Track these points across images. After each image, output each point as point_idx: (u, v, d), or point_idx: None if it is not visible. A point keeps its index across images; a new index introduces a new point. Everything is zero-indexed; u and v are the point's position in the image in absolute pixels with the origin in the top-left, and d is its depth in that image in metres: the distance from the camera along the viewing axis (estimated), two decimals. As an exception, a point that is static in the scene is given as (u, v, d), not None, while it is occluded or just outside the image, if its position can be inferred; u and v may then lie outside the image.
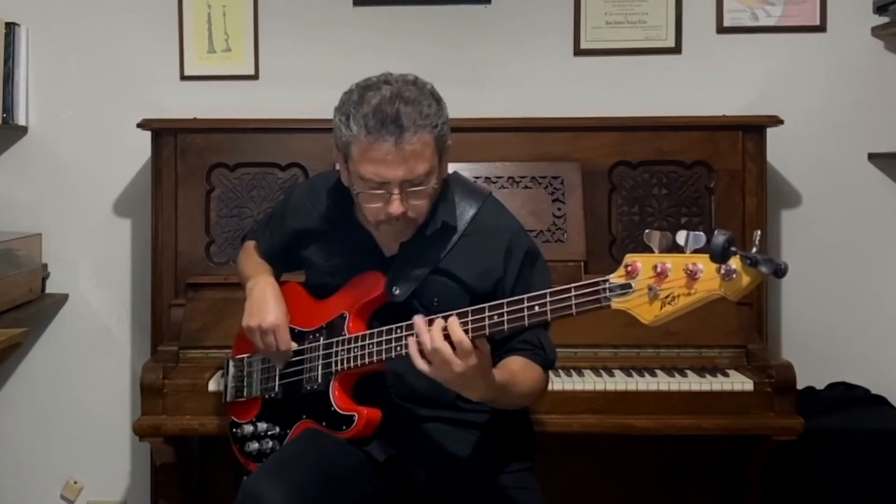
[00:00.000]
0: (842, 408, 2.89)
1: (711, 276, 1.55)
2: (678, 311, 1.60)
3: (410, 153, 1.85)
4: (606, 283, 1.66)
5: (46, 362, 3.23)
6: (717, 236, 1.52)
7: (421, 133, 1.86)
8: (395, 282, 1.99)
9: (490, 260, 2.00)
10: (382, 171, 1.86)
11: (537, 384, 1.99)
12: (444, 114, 1.92)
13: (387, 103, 1.85)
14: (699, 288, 1.57)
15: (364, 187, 1.90)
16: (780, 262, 1.51)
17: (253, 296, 2.11)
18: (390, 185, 1.87)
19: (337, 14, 3.15)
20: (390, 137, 1.84)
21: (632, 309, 1.63)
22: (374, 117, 1.84)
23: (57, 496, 3.26)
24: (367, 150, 1.86)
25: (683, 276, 1.58)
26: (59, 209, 3.19)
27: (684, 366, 2.63)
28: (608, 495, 2.85)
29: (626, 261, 1.64)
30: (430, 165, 1.89)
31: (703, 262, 1.56)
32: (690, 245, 1.58)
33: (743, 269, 1.53)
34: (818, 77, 3.13)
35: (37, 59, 3.18)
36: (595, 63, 3.15)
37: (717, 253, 1.52)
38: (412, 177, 1.87)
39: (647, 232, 1.63)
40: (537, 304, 1.73)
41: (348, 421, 1.97)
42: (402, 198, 1.89)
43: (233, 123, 2.95)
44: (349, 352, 1.97)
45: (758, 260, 1.51)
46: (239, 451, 2.15)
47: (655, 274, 1.60)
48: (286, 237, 2.18)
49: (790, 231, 3.13)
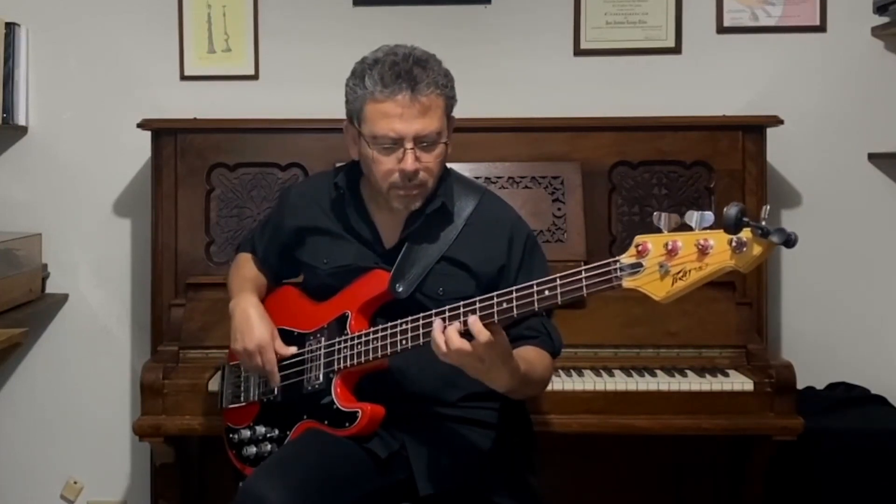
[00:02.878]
0: (842, 408, 2.89)
1: (723, 249, 1.57)
2: (690, 286, 1.61)
3: (424, 106, 1.92)
4: (617, 264, 1.67)
5: (46, 362, 3.23)
6: (729, 207, 1.53)
7: (434, 89, 1.93)
8: (398, 279, 1.99)
9: (493, 248, 2.03)
10: (396, 124, 1.92)
11: (547, 371, 2.02)
12: (451, 83, 1.99)
13: (402, 61, 1.93)
14: (710, 261, 1.58)
15: (377, 146, 1.94)
16: (790, 232, 1.52)
17: (235, 318, 2.12)
18: (404, 140, 1.92)
19: (337, 14, 3.15)
20: (407, 88, 1.91)
21: (643, 286, 1.64)
22: (390, 71, 1.92)
23: (57, 496, 3.26)
24: (382, 105, 1.92)
25: (695, 251, 1.59)
26: (58, 209, 3.19)
27: (684, 366, 2.63)
28: (608, 495, 2.85)
29: (636, 241, 1.66)
30: (441, 125, 1.95)
31: (714, 237, 1.58)
32: (699, 224, 1.59)
33: (754, 240, 1.54)
34: (818, 77, 3.13)
35: (37, 59, 3.18)
36: (595, 63, 3.15)
37: (731, 223, 1.53)
38: (426, 132, 1.93)
39: (655, 213, 1.64)
40: (547, 288, 1.74)
41: (351, 417, 1.97)
42: (415, 154, 1.92)
43: (233, 123, 2.95)
44: (352, 349, 1.98)
45: (769, 230, 1.52)
46: (235, 456, 2.14)
47: (666, 251, 1.61)
48: (285, 238, 2.18)
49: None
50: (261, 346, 2.06)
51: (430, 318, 1.85)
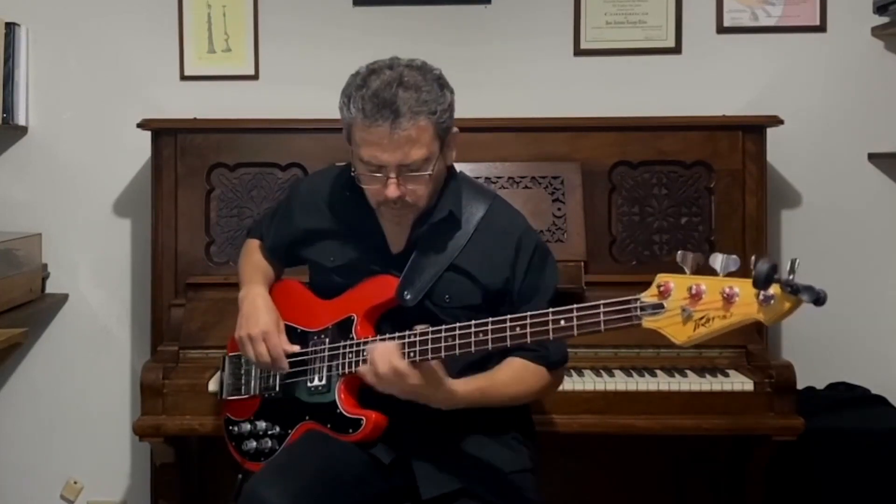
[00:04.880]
0: (842, 408, 2.89)
1: (749, 301, 1.54)
2: (712, 333, 1.59)
3: (405, 138, 1.87)
4: (638, 302, 1.65)
5: (46, 362, 3.23)
6: (761, 265, 1.50)
7: (417, 119, 1.87)
8: (406, 286, 1.98)
9: (499, 258, 2.01)
10: (378, 154, 1.89)
11: (531, 385, 2.00)
12: (446, 100, 1.93)
13: (385, 88, 1.87)
14: (735, 311, 1.56)
15: (364, 169, 1.93)
16: (819, 291, 1.51)
17: (243, 307, 2.12)
18: (387, 168, 1.90)
19: (337, 14, 3.15)
20: (385, 122, 1.86)
21: (663, 329, 1.62)
22: (370, 101, 1.87)
23: (57, 496, 3.26)
24: (364, 133, 1.89)
25: (720, 299, 1.56)
26: (58, 209, 3.19)
27: (684, 366, 2.63)
28: (608, 495, 2.85)
29: (657, 280, 1.64)
30: (428, 152, 1.90)
31: (740, 286, 1.55)
32: (725, 268, 1.57)
33: (783, 296, 1.52)
34: (818, 77, 3.13)
35: (37, 59, 3.18)
36: (595, 63, 3.15)
37: (761, 280, 1.51)
38: (408, 162, 1.89)
39: (680, 253, 1.62)
40: (563, 318, 1.74)
41: (355, 424, 1.96)
42: (398, 182, 1.90)
43: (233, 123, 2.95)
44: (357, 355, 1.97)
45: (799, 288, 1.51)
46: (235, 448, 2.14)
47: (690, 295, 1.59)
48: (293, 234, 2.17)
49: (790, 231, 3.13)
50: (265, 333, 2.05)
51: (439, 331, 1.85)
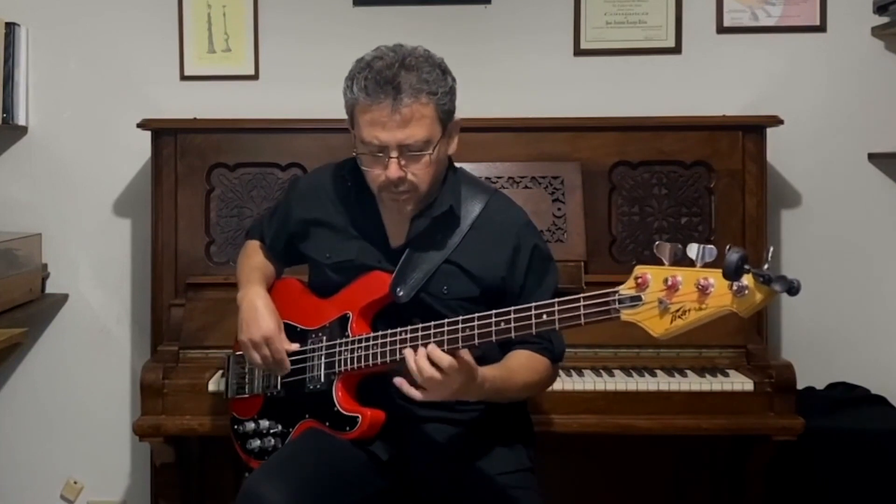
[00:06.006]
0: (842, 408, 2.89)
1: (723, 292, 1.55)
2: (688, 326, 1.59)
3: (407, 116, 1.88)
4: (616, 295, 1.66)
5: (46, 362, 3.23)
6: (730, 254, 1.50)
7: (418, 97, 1.88)
8: (399, 282, 1.99)
9: (497, 254, 2.01)
10: (379, 133, 1.89)
11: (541, 375, 2.01)
12: (447, 84, 1.94)
13: (387, 68, 1.89)
14: (710, 303, 1.56)
15: (365, 151, 1.93)
16: (792, 280, 1.51)
17: (242, 309, 2.11)
18: (388, 148, 1.90)
19: (337, 14, 3.15)
20: (386, 99, 1.87)
21: (641, 322, 1.63)
22: (373, 80, 1.88)
23: (57, 496, 3.26)
24: (366, 112, 1.90)
25: (695, 291, 1.57)
26: (58, 209, 3.19)
27: (684, 366, 2.63)
28: (608, 495, 2.85)
29: (635, 272, 1.64)
30: (429, 133, 1.91)
31: (715, 277, 1.55)
32: (701, 258, 1.57)
33: (756, 287, 1.53)
34: (818, 77, 3.13)
35: (37, 59, 3.18)
36: (595, 63, 3.15)
37: (731, 271, 1.51)
38: (409, 141, 1.90)
39: (657, 244, 1.63)
40: (545, 313, 1.75)
41: (352, 422, 1.97)
42: (399, 163, 1.90)
43: (233, 123, 2.95)
44: (352, 353, 1.97)
45: (770, 278, 1.51)
46: (241, 448, 2.15)
47: (666, 287, 1.59)
48: (292, 228, 2.17)
49: (790, 231, 3.13)
50: (267, 338, 2.05)
51: (429, 328, 1.85)
